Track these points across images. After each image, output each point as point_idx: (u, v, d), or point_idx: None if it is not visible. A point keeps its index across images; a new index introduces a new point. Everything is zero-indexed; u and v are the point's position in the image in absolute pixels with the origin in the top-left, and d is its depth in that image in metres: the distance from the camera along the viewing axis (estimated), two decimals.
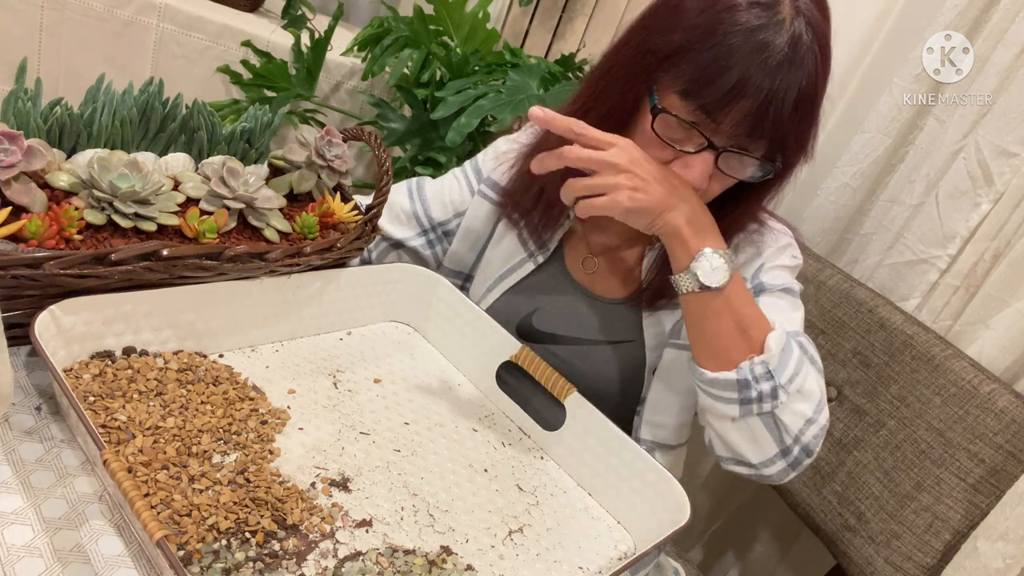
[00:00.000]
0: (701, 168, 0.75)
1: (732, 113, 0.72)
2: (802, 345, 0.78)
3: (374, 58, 1.60)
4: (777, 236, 0.89)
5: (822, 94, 0.75)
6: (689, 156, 0.76)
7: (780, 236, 0.90)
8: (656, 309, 0.89)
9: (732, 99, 0.71)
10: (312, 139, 0.81)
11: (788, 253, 0.89)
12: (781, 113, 0.71)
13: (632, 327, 0.90)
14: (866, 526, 1.07)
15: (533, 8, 1.84)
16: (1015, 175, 1.07)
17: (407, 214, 0.99)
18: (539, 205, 0.91)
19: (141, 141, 0.77)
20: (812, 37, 0.72)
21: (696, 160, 0.75)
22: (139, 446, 0.59)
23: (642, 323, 0.90)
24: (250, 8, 1.69)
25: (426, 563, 0.61)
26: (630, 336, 0.90)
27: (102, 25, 1.49)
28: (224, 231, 0.72)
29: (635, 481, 0.73)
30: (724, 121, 0.72)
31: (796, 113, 0.72)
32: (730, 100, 0.71)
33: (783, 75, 0.70)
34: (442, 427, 0.77)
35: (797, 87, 0.71)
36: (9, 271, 0.57)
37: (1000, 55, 1.09)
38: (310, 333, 0.82)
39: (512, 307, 0.93)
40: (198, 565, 0.53)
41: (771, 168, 0.77)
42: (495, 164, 0.97)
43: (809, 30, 0.71)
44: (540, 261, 0.93)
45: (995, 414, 0.98)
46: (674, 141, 0.76)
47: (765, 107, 0.71)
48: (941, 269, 1.15)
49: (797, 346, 0.77)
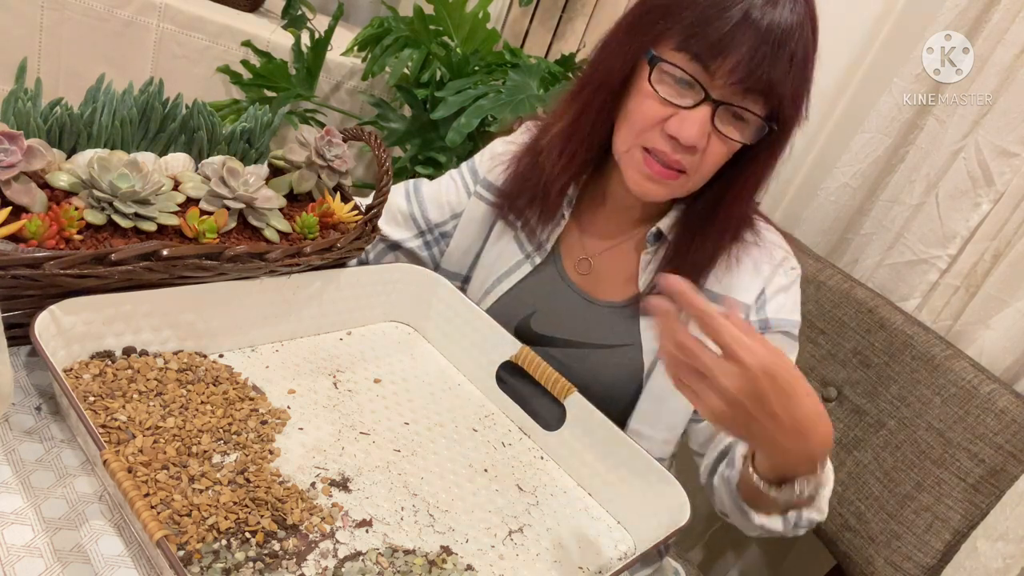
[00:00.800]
0: (699, 123, 0.75)
1: (726, 61, 0.72)
2: None
3: (374, 58, 1.60)
4: (772, 251, 0.88)
5: (813, 55, 0.76)
6: (686, 111, 0.76)
7: (775, 251, 0.89)
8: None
9: (725, 47, 0.72)
10: (312, 139, 0.81)
11: (786, 267, 0.89)
12: (776, 61, 0.72)
13: (630, 331, 0.90)
14: (866, 526, 1.07)
15: (533, 8, 1.84)
16: (1015, 175, 1.07)
17: (404, 215, 0.99)
18: (535, 206, 0.91)
19: (141, 141, 0.77)
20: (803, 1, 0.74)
21: (693, 115, 0.75)
22: (139, 446, 0.59)
23: (639, 327, 0.89)
24: (250, 8, 1.69)
25: (426, 563, 0.61)
26: (628, 340, 0.89)
27: (102, 25, 1.49)
28: (224, 231, 0.72)
29: (635, 481, 0.73)
30: (719, 71, 0.73)
31: (790, 66, 0.73)
32: (723, 48, 0.72)
33: (777, 23, 0.72)
34: (442, 427, 0.77)
35: (790, 37, 0.72)
36: (9, 271, 0.57)
37: (1000, 55, 1.09)
38: (310, 333, 0.82)
39: (510, 309, 0.92)
40: (198, 565, 0.53)
41: (767, 128, 0.77)
42: (491, 165, 0.97)
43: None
44: (537, 262, 0.93)
45: (995, 414, 0.98)
46: (671, 97, 0.76)
47: (757, 56, 0.72)
48: (941, 269, 1.15)
49: None
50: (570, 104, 0.87)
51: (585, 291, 0.92)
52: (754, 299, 0.86)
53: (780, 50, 0.72)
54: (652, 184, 0.81)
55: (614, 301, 0.91)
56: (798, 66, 0.74)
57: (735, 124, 0.77)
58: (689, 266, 0.85)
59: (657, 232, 0.88)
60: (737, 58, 0.72)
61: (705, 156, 0.78)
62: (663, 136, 0.77)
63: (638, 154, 0.80)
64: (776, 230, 0.91)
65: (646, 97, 0.78)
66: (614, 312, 0.91)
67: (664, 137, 0.77)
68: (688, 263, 0.85)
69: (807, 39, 0.74)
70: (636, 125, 0.79)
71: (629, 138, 0.81)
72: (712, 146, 0.78)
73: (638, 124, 0.79)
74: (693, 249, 0.85)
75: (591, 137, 0.85)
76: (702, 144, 0.77)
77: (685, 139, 0.75)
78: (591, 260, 0.93)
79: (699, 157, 0.78)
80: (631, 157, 0.81)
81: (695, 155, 0.78)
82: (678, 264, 0.86)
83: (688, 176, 0.80)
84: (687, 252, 0.86)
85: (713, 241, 0.85)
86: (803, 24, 0.73)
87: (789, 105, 0.76)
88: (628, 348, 0.89)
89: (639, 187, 0.82)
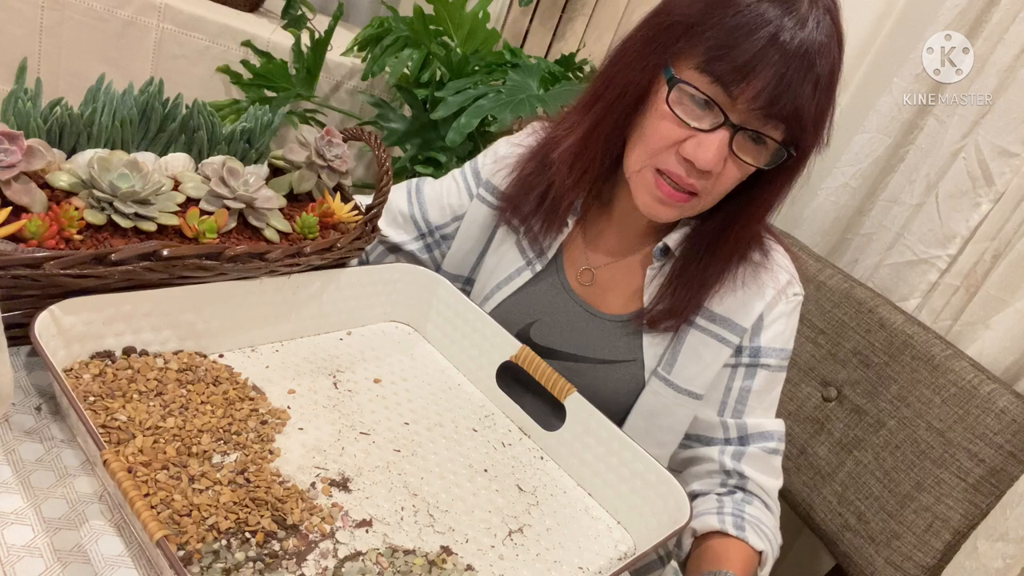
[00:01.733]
0: (716, 147, 0.72)
1: (750, 87, 0.69)
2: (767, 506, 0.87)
3: (374, 58, 1.60)
4: (778, 275, 0.87)
5: (838, 77, 0.74)
6: (703, 135, 0.73)
7: (780, 274, 0.87)
8: (658, 331, 0.87)
9: (750, 71, 0.69)
10: (312, 139, 0.81)
11: (789, 293, 0.87)
12: (800, 89, 0.69)
13: (632, 346, 0.88)
14: (866, 526, 1.07)
15: (533, 8, 1.84)
16: (1015, 175, 1.07)
17: (405, 217, 0.98)
18: (539, 211, 0.90)
19: (141, 141, 0.77)
20: (829, 19, 0.71)
21: (711, 139, 0.72)
22: (139, 446, 0.59)
23: (642, 343, 0.88)
24: (250, 8, 1.69)
25: (426, 563, 0.61)
26: (630, 356, 0.88)
27: (102, 25, 1.49)
28: (224, 231, 0.72)
29: (635, 481, 0.73)
30: (741, 96, 0.70)
31: (815, 92, 0.70)
32: (748, 72, 0.69)
33: (806, 45, 0.69)
34: (442, 427, 0.77)
35: (818, 58, 0.69)
36: (9, 271, 0.57)
37: (1000, 55, 1.09)
38: (310, 333, 0.82)
39: (510, 317, 0.91)
40: (198, 565, 0.53)
41: (786, 154, 0.75)
42: (495, 168, 0.95)
43: (827, 14, 0.71)
44: (538, 269, 0.92)
45: (995, 414, 0.98)
46: (689, 119, 0.73)
47: (784, 81, 0.69)
48: (941, 269, 1.15)
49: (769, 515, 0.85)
50: (583, 116, 0.84)
51: (587, 303, 0.90)
52: (752, 323, 0.85)
53: (807, 74, 0.69)
54: (662, 207, 0.79)
55: (617, 315, 0.89)
56: (823, 89, 0.71)
57: (752, 148, 0.74)
58: (694, 284, 0.84)
59: (664, 247, 0.86)
60: (762, 84, 0.69)
61: (719, 179, 0.76)
62: (678, 159, 0.75)
63: (650, 175, 0.78)
64: (783, 249, 0.89)
65: (662, 118, 0.75)
66: (617, 326, 0.89)
67: (679, 160, 0.75)
68: (694, 281, 0.84)
69: (833, 59, 0.71)
70: (651, 145, 0.77)
71: (643, 158, 0.78)
72: (727, 170, 0.75)
73: (653, 144, 0.76)
74: (700, 268, 0.84)
75: (604, 154, 0.83)
76: (719, 169, 0.74)
77: (702, 164, 0.73)
78: (594, 272, 0.91)
79: (713, 180, 0.76)
80: (642, 177, 0.79)
81: (710, 179, 0.75)
82: (683, 282, 0.84)
83: (700, 198, 0.78)
84: (694, 270, 0.84)
85: (721, 261, 0.83)
86: (830, 43, 0.71)
87: (811, 132, 0.73)
88: (630, 364, 0.88)
89: (649, 209, 0.80)
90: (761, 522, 0.83)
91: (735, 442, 0.87)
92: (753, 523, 0.82)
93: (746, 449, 0.87)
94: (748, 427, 0.87)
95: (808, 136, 0.74)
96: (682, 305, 0.84)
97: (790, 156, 0.75)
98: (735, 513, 0.82)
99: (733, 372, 0.87)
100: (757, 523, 0.82)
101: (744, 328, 0.85)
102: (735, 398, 0.87)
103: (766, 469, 0.87)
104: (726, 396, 0.87)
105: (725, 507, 0.84)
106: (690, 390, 0.85)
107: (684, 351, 0.85)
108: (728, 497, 0.86)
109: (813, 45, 0.69)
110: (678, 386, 0.85)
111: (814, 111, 0.72)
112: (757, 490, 0.87)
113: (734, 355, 0.86)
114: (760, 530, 0.82)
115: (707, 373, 0.85)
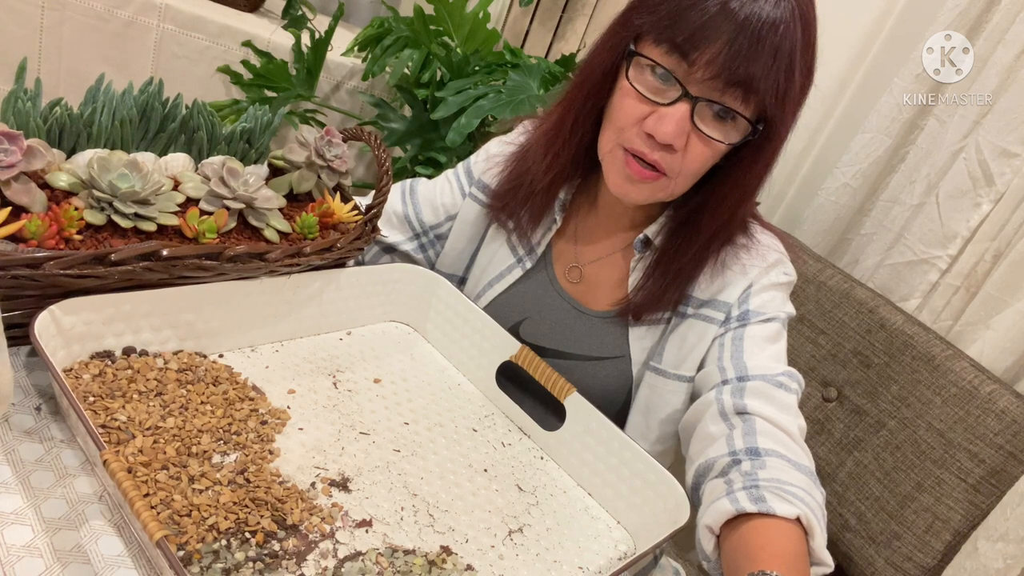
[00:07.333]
0: (676, 120, 0.73)
1: (702, 55, 0.70)
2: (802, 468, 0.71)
3: (374, 58, 1.60)
4: (765, 253, 0.85)
5: (805, 52, 0.73)
6: (664, 108, 0.74)
7: (768, 252, 0.86)
8: (643, 323, 0.87)
9: (702, 39, 0.70)
10: (312, 139, 0.81)
11: (778, 270, 0.86)
12: (755, 54, 0.69)
13: (619, 342, 0.88)
14: (866, 526, 1.07)
15: (533, 8, 1.84)
16: (1015, 175, 1.07)
17: (399, 218, 0.98)
18: (527, 206, 0.90)
19: (141, 141, 0.77)
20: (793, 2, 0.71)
21: (671, 111, 0.73)
22: (139, 446, 0.59)
23: (629, 338, 0.88)
24: (250, 8, 1.69)
25: (426, 563, 0.61)
26: (617, 352, 0.88)
27: (102, 25, 1.49)
28: (224, 231, 0.72)
29: (635, 481, 0.73)
30: (695, 65, 0.71)
31: (773, 60, 0.70)
32: (699, 40, 0.70)
33: (757, 15, 0.69)
34: (442, 427, 0.77)
35: (773, 31, 0.70)
36: (9, 271, 0.57)
37: (1000, 55, 1.09)
38: (310, 333, 0.82)
39: (500, 316, 0.90)
40: (198, 565, 0.53)
41: (752, 129, 0.75)
42: (486, 166, 0.96)
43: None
44: (528, 267, 0.92)
45: (995, 414, 0.98)
46: (650, 94, 0.74)
47: (734, 48, 0.69)
48: (941, 269, 1.15)
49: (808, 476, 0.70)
50: (559, 104, 0.86)
51: (575, 299, 0.91)
52: (737, 297, 0.84)
53: (760, 43, 0.69)
54: (631, 186, 0.79)
55: (604, 311, 0.90)
56: (782, 62, 0.71)
57: (717, 124, 0.74)
58: (675, 272, 0.84)
59: (644, 239, 0.86)
60: (715, 50, 0.69)
61: (687, 157, 0.76)
62: (641, 135, 0.76)
63: (620, 154, 0.78)
64: (774, 234, 0.88)
65: (626, 95, 0.76)
66: (605, 323, 0.89)
67: (642, 136, 0.76)
68: (674, 269, 0.84)
69: (794, 37, 0.71)
70: (617, 123, 0.78)
71: (611, 138, 0.79)
72: (693, 146, 0.75)
73: (619, 123, 0.77)
74: (679, 256, 0.83)
75: (573, 135, 0.84)
76: (679, 142, 0.74)
77: (661, 136, 0.73)
78: (582, 269, 0.91)
79: (680, 158, 0.76)
80: (613, 158, 0.79)
81: (674, 154, 0.76)
82: (664, 271, 0.84)
83: (670, 178, 0.78)
84: (673, 258, 0.84)
85: (699, 247, 0.83)
86: (790, 21, 0.71)
87: (774, 104, 0.73)
88: (618, 360, 0.88)
89: (619, 188, 0.80)
90: (783, 482, 0.66)
91: (734, 381, 0.79)
92: (773, 488, 0.66)
93: (747, 384, 0.77)
94: (748, 367, 0.79)
95: (772, 110, 0.74)
96: (663, 294, 0.84)
97: (755, 131, 0.75)
98: (748, 485, 0.67)
99: (723, 338, 0.84)
100: (778, 486, 0.66)
101: (729, 303, 0.84)
102: (730, 350, 0.82)
103: (776, 404, 0.75)
104: (720, 352, 0.82)
105: (734, 483, 0.68)
106: (679, 374, 0.85)
107: (671, 338, 0.86)
108: (735, 470, 0.71)
109: (766, 17, 0.69)
110: (667, 372, 0.85)
111: (774, 84, 0.71)
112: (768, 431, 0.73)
113: (722, 325, 0.84)
114: (784, 493, 0.65)
115: (695, 354, 0.84)
